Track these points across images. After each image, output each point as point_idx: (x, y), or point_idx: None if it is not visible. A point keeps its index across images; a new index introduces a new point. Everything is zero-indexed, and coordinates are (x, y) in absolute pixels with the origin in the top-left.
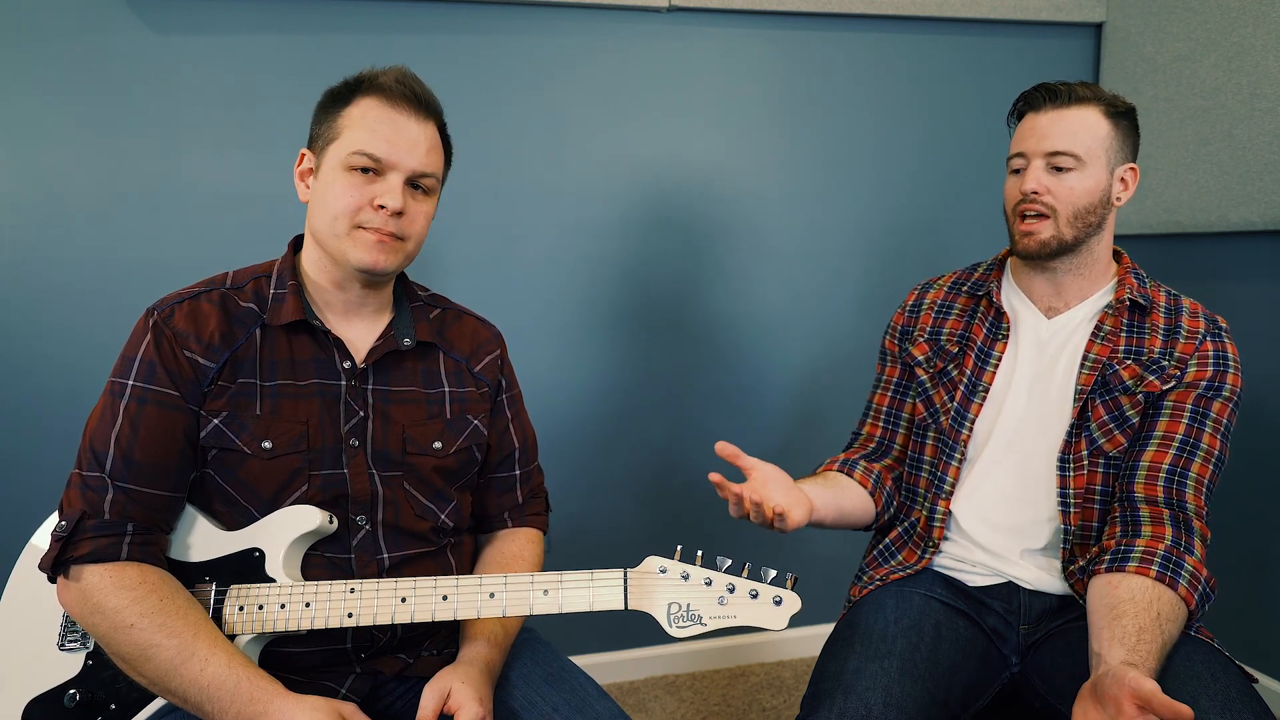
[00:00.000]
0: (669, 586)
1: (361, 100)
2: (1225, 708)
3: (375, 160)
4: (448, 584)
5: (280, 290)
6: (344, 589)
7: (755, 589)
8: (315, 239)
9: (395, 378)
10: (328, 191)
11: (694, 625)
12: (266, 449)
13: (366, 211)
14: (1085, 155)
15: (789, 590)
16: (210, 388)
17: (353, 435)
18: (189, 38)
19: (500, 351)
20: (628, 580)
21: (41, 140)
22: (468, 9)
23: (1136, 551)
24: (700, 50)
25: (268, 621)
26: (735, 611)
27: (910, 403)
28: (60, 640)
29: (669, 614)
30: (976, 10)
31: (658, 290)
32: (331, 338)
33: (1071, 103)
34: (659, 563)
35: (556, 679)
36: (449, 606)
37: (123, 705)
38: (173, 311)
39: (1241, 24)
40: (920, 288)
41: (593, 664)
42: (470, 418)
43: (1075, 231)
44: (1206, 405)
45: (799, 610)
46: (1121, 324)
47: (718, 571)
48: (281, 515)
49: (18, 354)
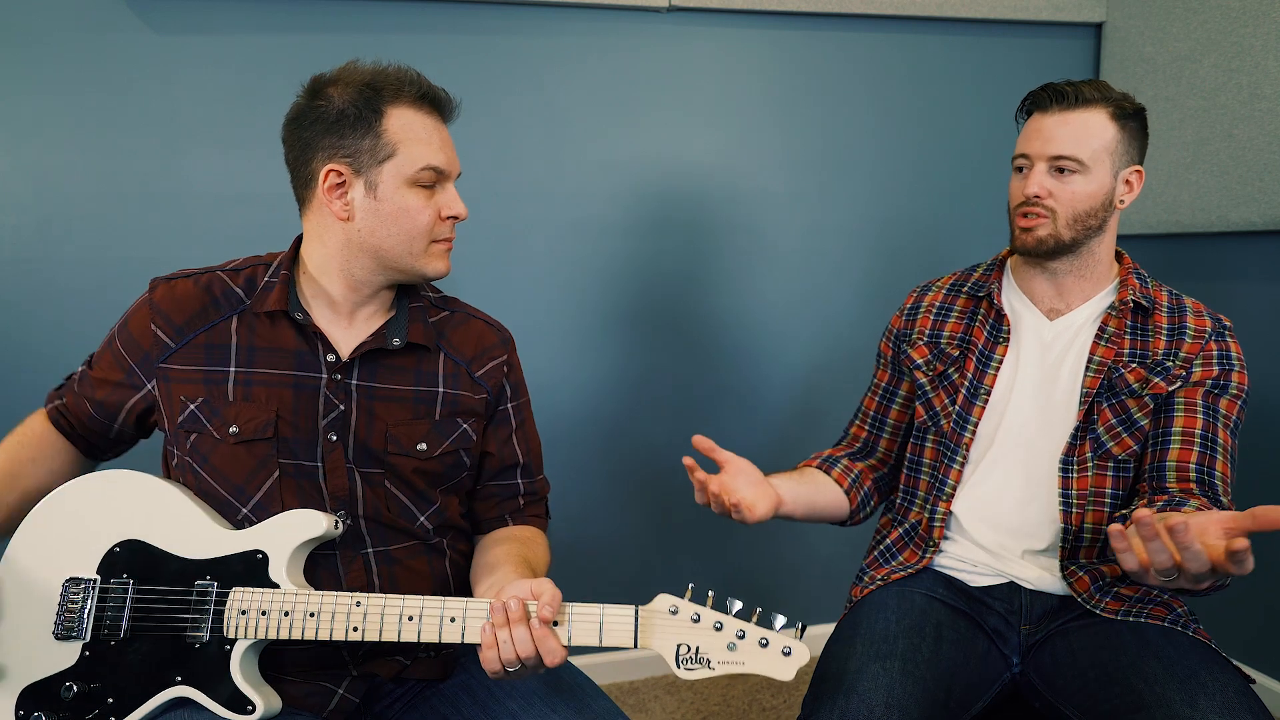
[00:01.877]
0: (679, 628)
1: (395, 110)
2: (1224, 707)
3: (440, 173)
4: (456, 606)
5: (272, 279)
6: (350, 602)
7: (765, 637)
8: (369, 254)
9: (383, 375)
10: (401, 215)
11: (702, 669)
12: (234, 434)
13: (439, 225)
14: (1089, 160)
15: (798, 640)
16: (166, 364)
17: (331, 429)
18: (189, 38)
19: (507, 357)
20: (638, 618)
21: (41, 140)
22: (468, 9)
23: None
24: (700, 50)
25: (270, 628)
26: (744, 659)
27: (897, 408)
28: (56, 630)
29: (678, 655)
30: (976, 10)
31: (657, 290)
32: (313, 330)
33: (1078, 105)
34: (669, 602)
35: (556, 679)
36: (456, 629)
37: (121, 699)
38: (158, 286)
39: (1241, 24)
40: (918, 290)
41: (593, 664)
42: (460, 421)
43: (1074, 233)
44: (1215, 401)
45: (806, 663)
46: (1125, 326)
47: (729, 615)
48: (287, 518)
49: (17, 354)
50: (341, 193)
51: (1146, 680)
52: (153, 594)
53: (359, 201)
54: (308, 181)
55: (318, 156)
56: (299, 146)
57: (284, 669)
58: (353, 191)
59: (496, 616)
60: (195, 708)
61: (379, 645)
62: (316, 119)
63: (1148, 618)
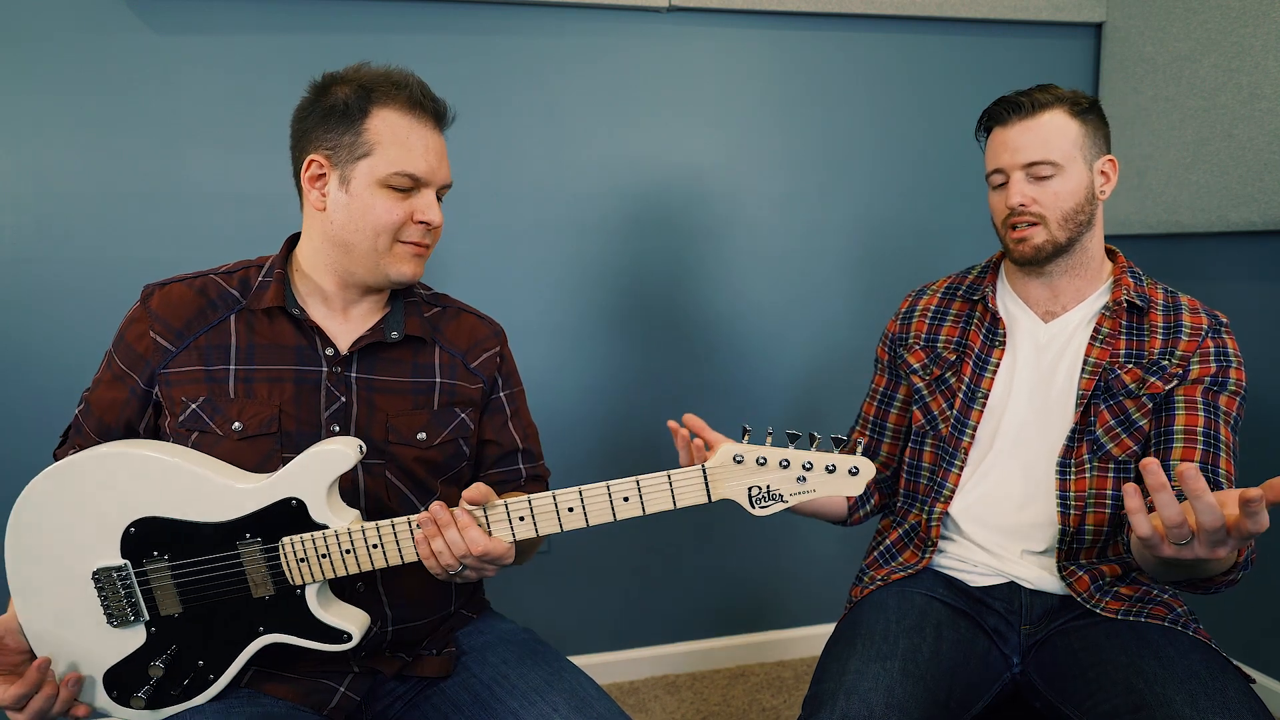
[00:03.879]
0: (747, 473)
1: (381, 111)
2: (1224, 708)
3: (416, 180)
4: (519, 505)
5: (266, 279)
6: (406, 527)
7: (832, 462)
8: (340, 247)
9: (381, 367)
10: (367, 210)
11: (775, 504)
12: (237, 430)
13: (407, 227)
14: (1062, 159)
15: (862, 458)
16: (167, 370)
17: (334, 421)
18: (189, 38)
19: (500, 348)
20: (707, 475)
21: (41, 140)
22: (468, 9)
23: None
24: (700, 50)
25: (335, 567)
26: (815, 486)
27: (895, 412)
28: (110, 620)
29: (750, 496)
30: (976, 10)
31: (656, 290)
32: (310, 325)
33: (1035, 111)
34: (733, 450)
35: (556, 679)
36: (527, 526)
37: (212, 659)
38: (153, 293)
39: (1241, 24)
40: (914, 294)
41: (593, 664)
42: (458, 411)
43: (1068, 232)
44: (1214, 399)
45: (872, 475)
46: (1120, 326)
47: (792, 450)
48: (310, 460)
49: (17, 354)
50: (321, 184)
51: (1147, 680)
52: (195, 565)
53: (333, 194)
54: (298, 171)
55: (308, 147)
56: (297, 136)
57: (285, 666)
58: (329, 183)
59: (427, 528)
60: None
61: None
62: (314, 112)
63: (1148, 617)
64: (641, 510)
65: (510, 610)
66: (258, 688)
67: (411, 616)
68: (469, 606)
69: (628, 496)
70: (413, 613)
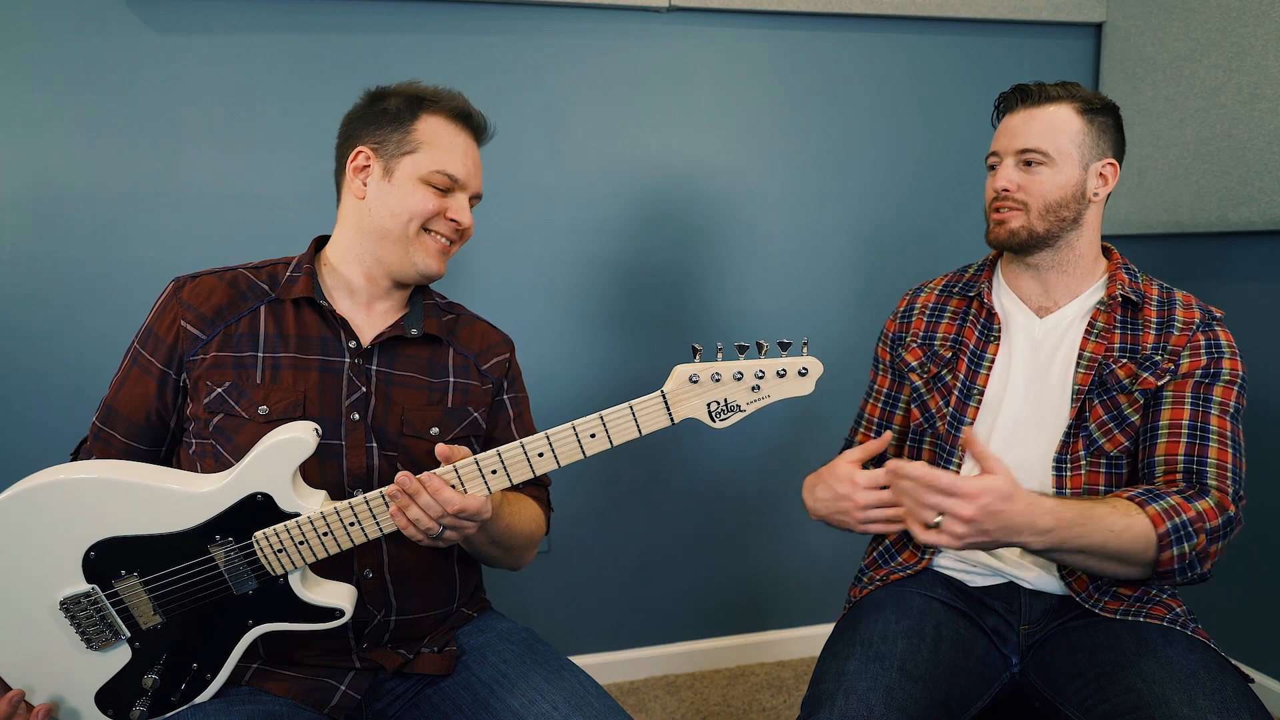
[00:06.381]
0: (704, 390)
1: (430, 117)
2: (1222, 707)
3: (454, 181)
4: (489, 459)
5: (295, 273)
6: (380, 499)
7: (782, 367)
8: (373, 234)
9: (400, 362)
10: (405, 198)
11: (734, 414)
12: (263, 414)
13: (439, 220)
14: (1054, 152)
15: (809, 357)
16: (197, 356)
17: (354, 409)
18: (189, 38)
19: (509, 355)
20: (667, 398)
21: (41, 140)
22: (468, 9)
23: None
24: (700, 50)
25: (314, 551)
26: (769, 392)
27: (900, 413)
28: (89, 645)
29: (710, 412)
30: (976, 10)
31: (655, 290)
32: (337, 317)
33: (1042, 101)
34: (688, 371)
35: (556, 678)
36: (500, 478)
37: (206, 659)
38: (185, 284)
39: (1241, 24)
40: (912, 293)
41: (593, 664)
42: (471, 410)
43: (1047, 224)
44: (1207, 390)
45: (822, 372)
46: (1115, 320)
47: (743, 361)
48: (267, 452)
49: (18, 353)
50: (364, 174)
51: (1145, 680)
52: (168, 576)
53: (374, 183)
54: (343, 165)
55: (356, 142)
56: (346, 135)
57: (288, 665)
58: (372, 174)
59: (399, 499)
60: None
61: (382, 633)
62: (365, 115)
63: (1147, 617)
64: (609, 443)
65: (510, 610)
66: (259, 686)
67: (416, 608)
68: (470, 605)
69: (594, 433)
70: (418, 603)
